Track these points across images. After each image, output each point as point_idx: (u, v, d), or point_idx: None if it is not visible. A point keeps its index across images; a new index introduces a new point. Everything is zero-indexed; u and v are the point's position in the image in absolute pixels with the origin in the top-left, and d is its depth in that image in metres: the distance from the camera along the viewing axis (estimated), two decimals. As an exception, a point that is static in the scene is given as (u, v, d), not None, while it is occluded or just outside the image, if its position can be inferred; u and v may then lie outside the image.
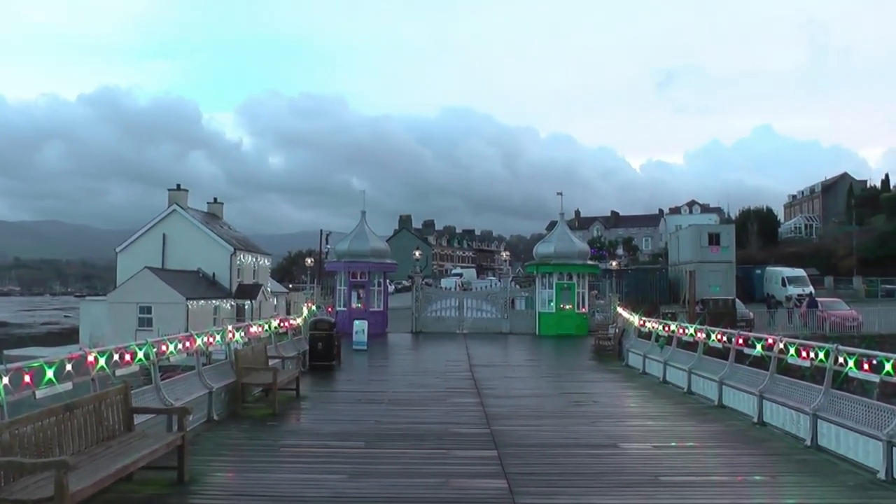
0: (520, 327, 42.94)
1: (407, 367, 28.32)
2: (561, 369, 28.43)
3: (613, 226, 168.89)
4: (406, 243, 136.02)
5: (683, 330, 22.85)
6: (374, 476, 11.15)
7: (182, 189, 66.78)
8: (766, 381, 16.15)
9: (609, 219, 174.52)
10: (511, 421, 16.26)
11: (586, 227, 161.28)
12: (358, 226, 43.51)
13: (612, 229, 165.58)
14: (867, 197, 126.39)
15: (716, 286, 63.66)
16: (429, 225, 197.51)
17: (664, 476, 11.59)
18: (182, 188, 66.94)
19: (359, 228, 43.27)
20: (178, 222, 64.45)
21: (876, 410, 12.16)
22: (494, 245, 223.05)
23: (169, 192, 66.51)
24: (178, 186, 66.86)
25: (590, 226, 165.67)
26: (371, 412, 17.23)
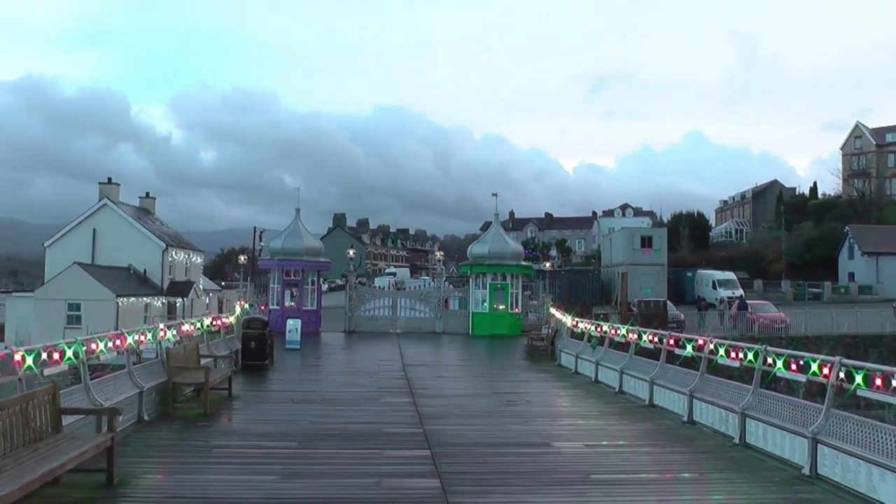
0: (453, 327, 43.02)
1: (340, 367, 28.29)
2: (494, 369, 28.60)
3: (547, 227, 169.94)
4: (340, 242, 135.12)
5: (615, 331, 23.16)
6: (307, 476, 11.12)
7: (113, 183, 65.33)
8: (697, 381, 16.47)
9: (543, 220, 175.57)
10: (444, 420, 16.33)
11: (520, 229, 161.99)
12: (292, 223, 43.20)
13: (546, 231, 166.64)
14: (796, 203, 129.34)
15: (648, 288, 64.51)
16: (363, 224, 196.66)
17: (595, 474, 11.76)
18: (113, 182, 65.60)
19: (293, 226, 42.97)
20: (109, 217, 63.19)
21: (802, 409, 12.55)
22: (428, 245, 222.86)
23: (100, 185, 65.04)
24: (110, 180, 65.41)
25: (524, 227, 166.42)
26: (304, 412, 17.23)
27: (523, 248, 51.60)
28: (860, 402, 12.40)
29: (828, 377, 11.83)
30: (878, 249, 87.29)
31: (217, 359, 20.86)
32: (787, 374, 13.20)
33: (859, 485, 10.56)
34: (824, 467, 11.43)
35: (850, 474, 10.81)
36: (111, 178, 65.87)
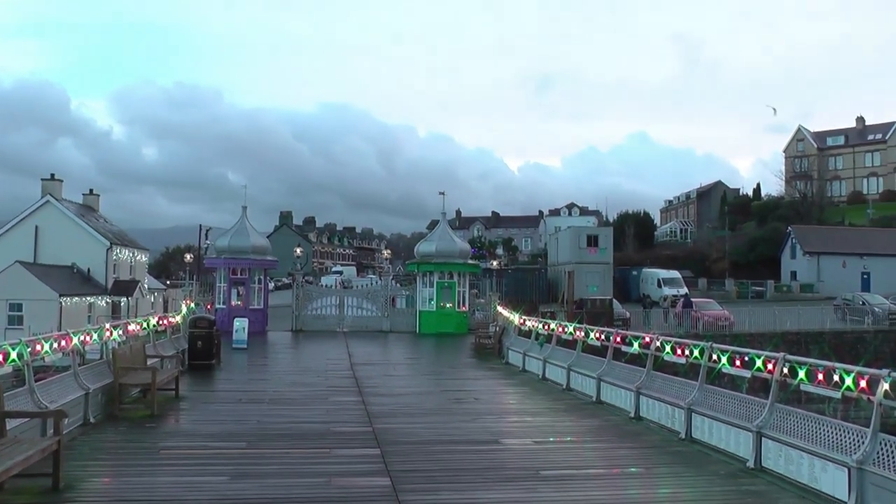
0: (400, 325, 42.98)
1: (288, 366, 28.18)
2: (442, 367, 28.69)
3: (494, 226, 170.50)
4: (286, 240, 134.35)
5: (563, 328, 23.35)
6: (256, 477, 11.05)
7: (56, 179, 64.19)
8: (643, 378, 16.71)
9: (490, 219, 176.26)
10: (393, 419, 16.35)
11: (467, 227, 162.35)
12: (238, 221, 42.86)
13: (493, 229, 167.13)
14: (739, 204, 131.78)
15: (594, 286, 64.89)
16: (309, 222, 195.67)
17: (544, 470, 11.90)
18: (56, 178, 64.43)
19: (239, 224, 42.62)
20: (52, 214, 62.04)
21: (746, 404, 12.85)
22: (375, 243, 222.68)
23: (42, 181, 63.80)
24: (53, 176, 64.17)
25: (471, 225, 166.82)
26: (252, 412, 17.11)
27: (470, 247, 51.69)
28: (802, 397, 12.66)
29: (772, 373, 12.08)
30: (819, 249, 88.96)
31: (164, 359, 20.61)
32: (732, 370, 13.47)
33: (802, 476, 10.84)
34: (768, 460, 11.70)
35: (792, 466, 11.08)
36: (54, 175, 64.70)
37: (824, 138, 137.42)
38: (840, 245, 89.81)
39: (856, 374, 10.35)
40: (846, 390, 10.46)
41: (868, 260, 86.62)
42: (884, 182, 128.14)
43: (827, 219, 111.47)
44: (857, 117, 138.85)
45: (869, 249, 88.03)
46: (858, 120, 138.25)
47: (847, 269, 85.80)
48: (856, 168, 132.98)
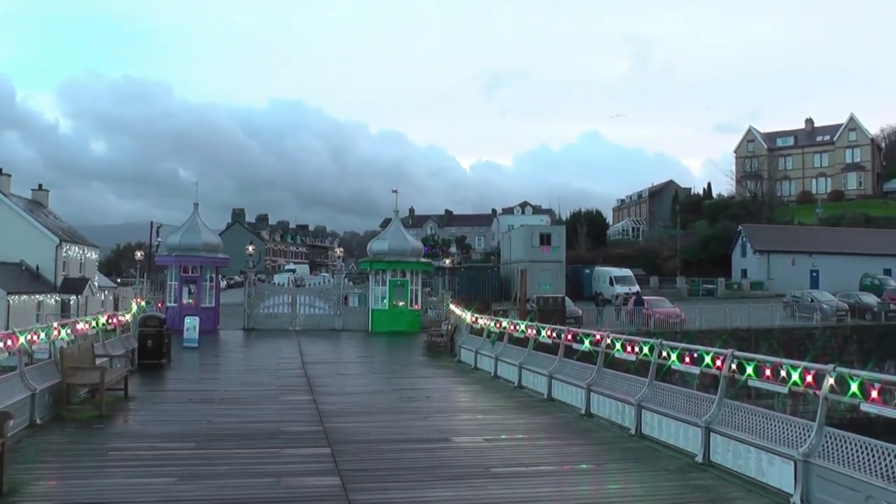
0: (353, 324, 42.88)
1: (239, 365, 27.98)
2: (394, 366, 28.68)
3: (447, 224, 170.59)
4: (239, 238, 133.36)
5: (514, 326, 23.42)
6: (205, 478, 10.97)
7: (4, 174, 62.99)
8: (594, 375, 16.83)
9: (443, 217, 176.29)
10: (344, 418, 16.31)
11: (420, 225, 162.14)
12: (190, 218, 42.49)
13: (446, 228, 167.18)
14: (690, 203, 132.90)
15: (546, 284, 65.23)
16: (262, 219, 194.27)
17: (494, 467, 11.94)
18: (4, 173, 63.23)
19: (191, 221, 42.26)
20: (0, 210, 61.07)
21: (695, 400, 13.03)
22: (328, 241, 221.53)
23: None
24: (0, 171, 63.24)
25: (424, 224, 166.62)
26: (202, 412, 16.98)
27: (423, 245, 51.71)
28: (752, 393, 12.80)
29: (720, 369, 12.24)
30: (769, 248, 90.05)
31: (113, 358, 20.40)
32: (681, 366, 13.60)
33: (749, 470, 11.03)
34: (717, 454, 11.86)
35: (740, 460, 11.26)
36: (1, 169, 63.49)
37: (774, 139, 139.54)
38: (789, 243, 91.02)
39: (802, 369, 10.54)
40: (793, 385, 10.65)
41: (817, 258, 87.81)
42: (832, 182, 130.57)
43: (777, 218, 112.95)
44: (807, 119, 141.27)
45: (817, 248, 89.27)
46: (807, 122, 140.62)
47: (796, 267, 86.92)
48: (805, 168, 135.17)
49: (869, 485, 8.88)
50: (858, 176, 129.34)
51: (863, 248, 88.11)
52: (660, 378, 14.52)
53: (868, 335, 45.59)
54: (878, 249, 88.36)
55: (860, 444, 9.41)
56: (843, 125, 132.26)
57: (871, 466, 9.05)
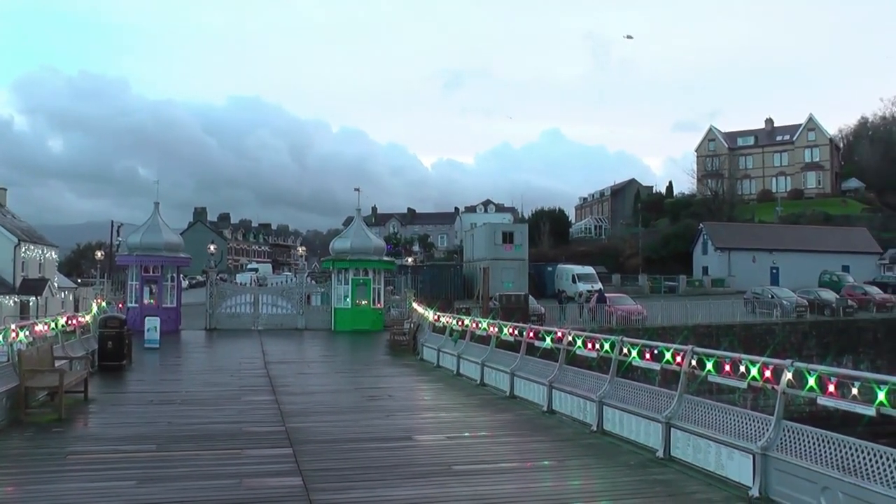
0: (315, 323, 42.78)
1: (201, 366, 27.79)
2: (356, 364, 28.67)
3: (410, 223, 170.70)
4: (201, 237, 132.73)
5: (477, 324, 23.47)
6: (166, 480, 10.86)
7: (-38, 174, 62.38)
8: (556, 372, 16.91)
9: (406, 215, 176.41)
10: (306, 417, 16.27)
11: (383, 224, 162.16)
12: (151, 218, 42.12)
13: (409, 226, 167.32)
14: (652, 201, 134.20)
15: (509, 282, 65.35)
16: (224, 218, 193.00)
17: (456, 465, 11.97)
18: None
19: (151, 220, 41.89)
20: (-44, 209, 60.26)
21: (656, 396, 13.16)
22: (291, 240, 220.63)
23: (-53, 176, 61.93)
24: (-42, 170, 62.41)
25: (387, 222, 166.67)
26: (163, 413, 16.81)
27: (386, 244, 51.65)
28: (713, 388, 12.92)
29: (681, 365, 12.35)
30: (730, 245, 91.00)
31: (72, 360, 20.18)
32: (642, 363, 13.73)
33: (709, 464, 11.17)
34: (677, 449, 11.98)
35: (700, 455, 11.39)
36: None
37: (735, 138, 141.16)
38: (750, 241, 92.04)
39: (761, 364, 10.69)
40: (752, 380, 10.80)
41: (777, 255, 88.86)
42: (792, 181, 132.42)
43: (737, 216, 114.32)
44: (766, 119, 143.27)
45: (778, 245, 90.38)
46: (767, 121, 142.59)
47: (757, 264, 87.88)
48: (765, 167, 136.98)
49: (825, 476, 9.04)
50: (817, 175, 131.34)
51: (822, 245, 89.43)
52: (621, 375, 14.63)
53: (827, 330, 46.24)
54: (836, 247, 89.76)
55: (817, 436, 9.57)
56: (802, 125, 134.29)
57: (828, 458, 9.22)
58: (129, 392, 20.81)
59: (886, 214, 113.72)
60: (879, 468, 8.56)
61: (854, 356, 44.54)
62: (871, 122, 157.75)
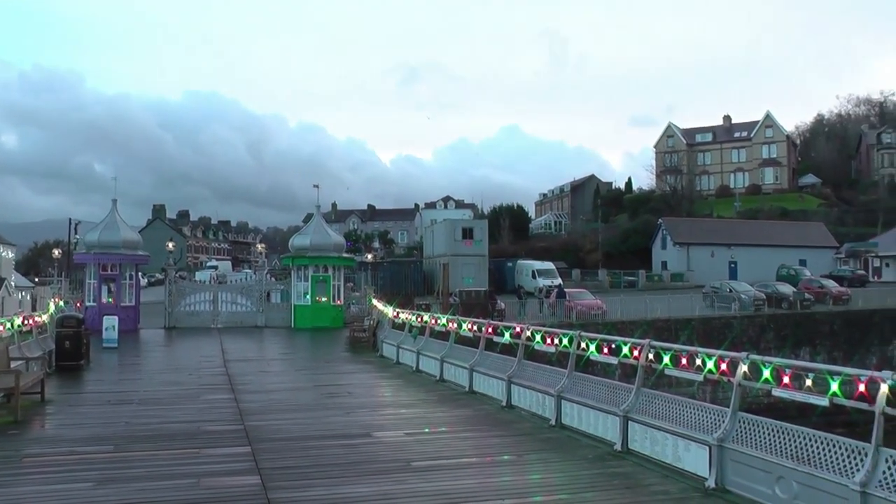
0: (275, 320, 42.64)
1: (159, 365, 27.53)
2: (316, 362, 28.63)
3: (370, 219, 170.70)
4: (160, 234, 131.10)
5: (436, 320, 23.51)
6: (123, 481, 10.74)
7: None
8: (515, 367, 17.00)
9: (366, 212, 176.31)
10: (265, 416, 16.20)
11: (343, 220, 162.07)
12: (109, 215, 41.66)
13: (369, 222, 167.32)
14: (612, 197, 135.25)
15: (469, 278, 65.41)
16: (183, 215, 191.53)
17: (416, 461, 11.97)
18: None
19: (109, 218, 41.43)
20: None
21: (614, 389, 13.29)
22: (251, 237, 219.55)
23: None
24: None
25: (347, 219, 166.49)
26: (121, 414, 16.63)
27: (345, 240, 51.55)
28: (673, 381, 13.05)
29: (638, 359, 12.45)
30: (688, 240, 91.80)
31: (29, 361, 19.97)
32: (599, 357, 13.81)
33: (666, 456, 11.29)
34: (635, 442, 12.09)
35: (658, 447, 11.50)
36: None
37: (693, 135, 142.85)
38: (709, 236, 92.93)
39: (717, 357, 10.81)
40: (708, 373, 10.92)
41: (735, 250, 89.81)
42: (749, 177, 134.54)
43: (696, 211, 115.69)
44: (724, 116, 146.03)
45: (736, 240, 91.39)
46: (725, 118, 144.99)
47: (715, 258, 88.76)
48: (723, 163, 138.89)
49: (780, 466, 9.19)
50: (775, 171, 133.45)
51: (779, 240, 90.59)
52: (582, 369, 14.73)
53: (784, 323, 46.75)
54: (793, 241, 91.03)
55: (771, 427, 9.73)
56: (759, 122, 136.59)
57: (782, 448, 9.37)
58: (86, 392, 20.58)
59: (842, 209, 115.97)
60: (831, 457, 8.73)
61: (811, 348, 45.13)
62: (826, 119, 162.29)
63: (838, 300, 54.45)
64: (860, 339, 46.86)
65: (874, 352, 46.61)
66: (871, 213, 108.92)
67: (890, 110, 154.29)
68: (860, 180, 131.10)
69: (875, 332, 47.68)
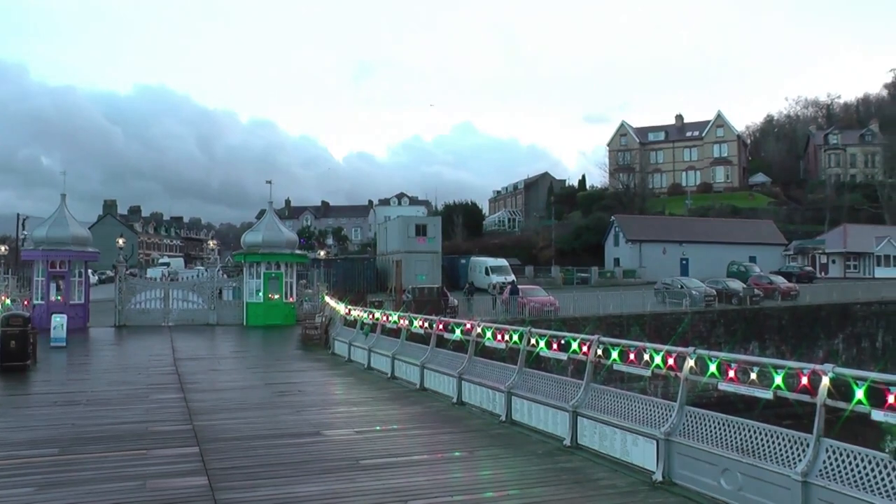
0: (227, 318, 42.31)
1: (108, 364, 27.15)
2: (268, 360, 28.42)
3: (324, 216, 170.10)
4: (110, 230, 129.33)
5: (387, 317, 23.49)
6: (68, 485, 10.59)
7: None
8: (465, 364, 17.05)
9: (320, 209, 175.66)
10: (215, 415, 16.11)
11: (297, 217, 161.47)
12: (57, 210, 40.93)
13: (323, 219, 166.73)
14: (565, 195, 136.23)
15: (422, 275, 65.38)
16: (135, 211, 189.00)
17: (365, 459, 11.97)
18: None
19: (58, 213, 40.70)
20: None
21: (564, 385, 13.44)
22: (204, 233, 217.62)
23: None
24: None
25: (300, 215, 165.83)
26: (68, 415, 16.37)
27: (298, 237, 51.27)
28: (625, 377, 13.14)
29: (587, 354, 12.52)
30: (641, 237, 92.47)
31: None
32: (549, 353, 13.89)
33: (615, 451, 11.45)
34: (584, 437, 12.23)
35: (606, 442, 11.66)
36: None
37: (646, 134, 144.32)
38: (660, 233, 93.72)
39: (664, 352, 10.93)
40: (656, 368, 11.03)
41: (686, 247, 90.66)
42: (701, 175, 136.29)
43: (648, 209, 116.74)
44: (677, 115, 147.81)
45: (687, 237, 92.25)
46: (677, 118, 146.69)
47: (667, 255, 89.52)
48: (675, 162, 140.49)
49: (725, 458, 9.40)
50: (726, 169, 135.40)
51: (729, 237, 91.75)
52: (534, 365, 14.80)
53: (734, 318, 47.28)
54: (743, 238, 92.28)
55: (717, 420, 9.92)
56: (711, 122, 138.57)
57: (727, 441, 9.57)
58: (32, 394, 20.24)
59: (791, 208, 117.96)
60: (775, 448, 8.96)
61: (760, 343, 45.71)
62: (776, 120, 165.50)
63: (786, 296, 55.15)
64: (807, 334, 47.64)
65: (821, 345, 47.44)
66: (818, 211, 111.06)
67: (836, 112, 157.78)
68: (808, 180, 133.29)
69: (822, 326, 48.54)
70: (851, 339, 49.32)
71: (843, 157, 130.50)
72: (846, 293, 54.90)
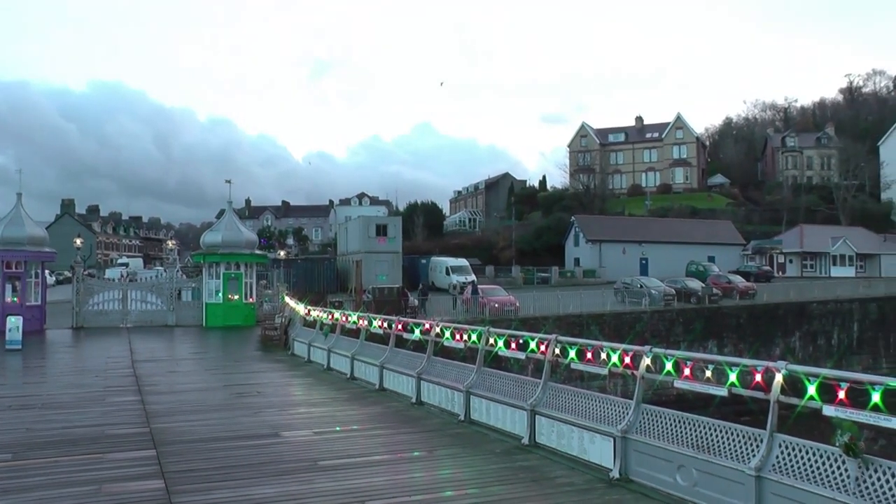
0: (187, 319, 42.00)
1: (65, 367, 26.88)
2: (227, 361, 28.25)
3: (284, 216, 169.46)
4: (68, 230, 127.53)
5: (346, 317, 23.45)
6: (20, 491, 10.42)
7: None
8: (424, 364, 17.11)
9: (280, 208, 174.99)
10: (172, 417, 15.98)
11: (257, 217, 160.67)
12: (13, 210, 40.33)
13: (283, 219, 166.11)
14: (526, 195, 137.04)
15: (383, 275, 65.31)
16: (93, 211, 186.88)
17: (323, 460, 11.97)
18: None
19: (14, 213, 40.09)
20: None
21: (522, 384, 13.49)
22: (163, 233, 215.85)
23: None
24: None
25: (261, 215, 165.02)
26: (21, 419, 16.14)
27: (259, 237, 51.01)
28: (585, 375, 13.23)
29: (545, 353, 12.59)
30: (600, 237, 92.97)
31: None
32: (507, 352, 13.95)
33: (573, 449, 11.54)
34: (542, 436, 12.32)
35: (564, 440, 11.75)
36: None
37: (606, 135, 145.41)
38: (620, 233, 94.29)
39: (621, 351, 11.03)
40: (613, 367, 11.14)
41: (646, 247, 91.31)
42: (660, 176, 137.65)
43: (608, 209, 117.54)
44: (637, 116, 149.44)
45: (647, 237, 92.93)
46: (637, 119, 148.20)
47: (627, 255, 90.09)
48: (635, 163, 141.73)
49: (680, 454, 9.53)
50: (685, 171, 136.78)
51: (688, 237, 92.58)
52: (494, 365, 14.85)
53: (693, 317, 47.62)
54: (702, 239, 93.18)
55: (673, 417, 10.06)
56: (670, 124, 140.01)
57: (683, 437, 9.72)
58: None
59: (749, 209, 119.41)
60: (729, 444, 9.12)
61: (718, 341, 46.12)
62: (734, 122, 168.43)
63: (744, 295, 55.72)
64: (765, 332, 48.16)
65: (778, 343, 47.94)
66: (775, 212, 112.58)
67: (793, 116, 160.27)
68: (766, 181, 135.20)
69: (779, 324, 49.10)
70: (808, 337, 49.91)
71: (800, 159, 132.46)
72: (803, 292, 55.55)
